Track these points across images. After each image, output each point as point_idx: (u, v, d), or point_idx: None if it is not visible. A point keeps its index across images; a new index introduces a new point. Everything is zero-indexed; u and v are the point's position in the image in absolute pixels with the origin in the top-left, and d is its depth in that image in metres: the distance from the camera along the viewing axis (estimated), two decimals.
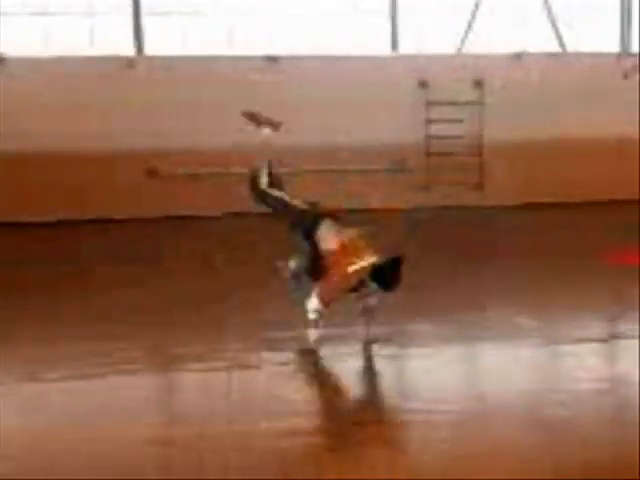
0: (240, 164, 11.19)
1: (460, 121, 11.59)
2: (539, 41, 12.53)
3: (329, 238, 5.32)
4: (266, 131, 5.80)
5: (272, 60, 11.57)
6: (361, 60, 11.79)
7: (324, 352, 5.31)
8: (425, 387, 4.74)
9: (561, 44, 12.70)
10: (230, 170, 11.29)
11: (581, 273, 7.52)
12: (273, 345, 5.36)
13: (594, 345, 5.47)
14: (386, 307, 6.36)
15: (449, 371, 5.04)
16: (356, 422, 4.15)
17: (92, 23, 11.75)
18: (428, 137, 11.81)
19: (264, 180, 5.56)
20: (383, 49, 12.27)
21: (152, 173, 11.34)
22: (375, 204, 11.39)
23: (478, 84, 11.86)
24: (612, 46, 12.79)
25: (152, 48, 11.68)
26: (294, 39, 12.02)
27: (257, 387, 4.74)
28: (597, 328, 5.97)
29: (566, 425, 4.06)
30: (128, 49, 11.60)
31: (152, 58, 11.55)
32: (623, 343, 5.57)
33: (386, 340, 5.53)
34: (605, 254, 8.01)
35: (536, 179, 11.91)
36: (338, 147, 11.44)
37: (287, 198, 5.60)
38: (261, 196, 5.63)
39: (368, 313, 5.45)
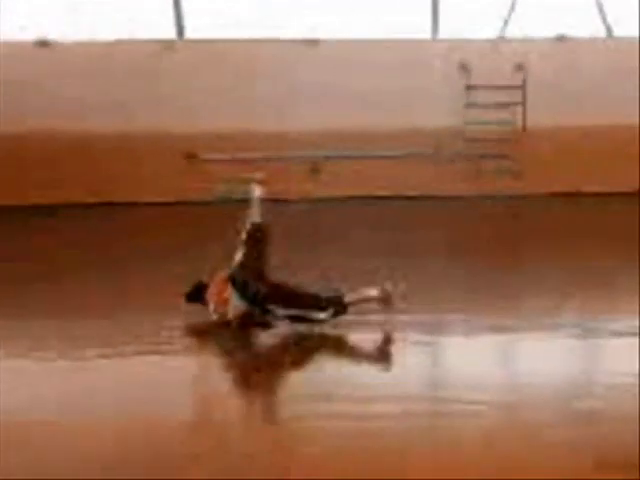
0: (280, 148, 11.38)
1: (501, 106, 11.45)
2: (584, 24, 12.27)
3: None
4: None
5: (312, 43, 11.55)
6: (402, 44, 11.71)
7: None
8: (459, 377, 4.74)
9: (606, 27, 12.42)
10: (271, 154, 11.36)
11: (621, 264, 7.40)
12: None
13: (630, 339, 5.40)
14: (421, 295, 6.40)
15: (483, 362, 5.03)
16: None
17: (134, 6, 11.81)
18: (467, 122, 11.69)
19: None
20: (424, 32, 12.14)
21: (191, 157, 11.42)
22: (411, 191, 11.36)
23: (520, 68, 11.69)
24: None
25: (193, 31, 11.73)
26: (335, 22, 11.94)
27: None
28: (633, 321, 5.87)
29: (600, 419, 4.03)
30: (169, 32, 11.68)
31: (192, 41, 11.61)
32: None
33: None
34: None
35: (579, 167, 11.70)
36: (377, 132, 11.41)
37: None
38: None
39: None
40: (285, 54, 11.45)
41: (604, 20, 12.41)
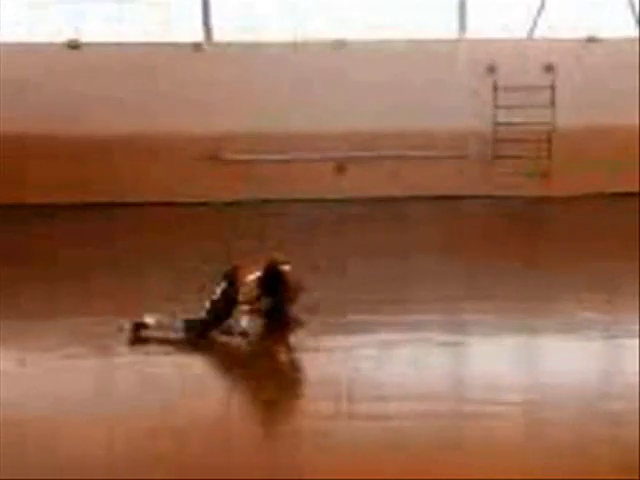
0: (305, 149, 11.38)
1: (529, 107, 11.31)
2: (614, 25, 12.08)
3: None
4: None
5: (339, 44, 11.52)
6: (429, 44, 11.63)
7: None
8: (482, 377, 4.71)
9: (638, 28, 12.23)
10: (295, 156, 11.37)
11: None
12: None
13: None
14: (442, 295, 6.36)
15: (505, 362, 5.00)
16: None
17: (164, 9, 11.88)
18: (495, 123, 11.58)
19: None
20: (451, 32, 12.04)
21: (215, 157, 11.46)
22: (437, 191, 11.29)
23: (549, 69, 11.56)
24: None
25: (221, 34, 11.75)
26: (362, 23, 11.89)
27: None
28: None
29: (625, 419, 3.98)
30: (198, 35, 11.73)
31: (218, 43, 11.66)
32: None
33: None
34: None
35: (608, 167, 11.50)
36: (403, 132, 11.34)
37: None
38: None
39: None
40: (311, 55, 11.43)
41: (636, 20, 12.22)
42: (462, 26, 12.07)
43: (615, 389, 4.48)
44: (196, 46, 11.48)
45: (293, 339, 5.42)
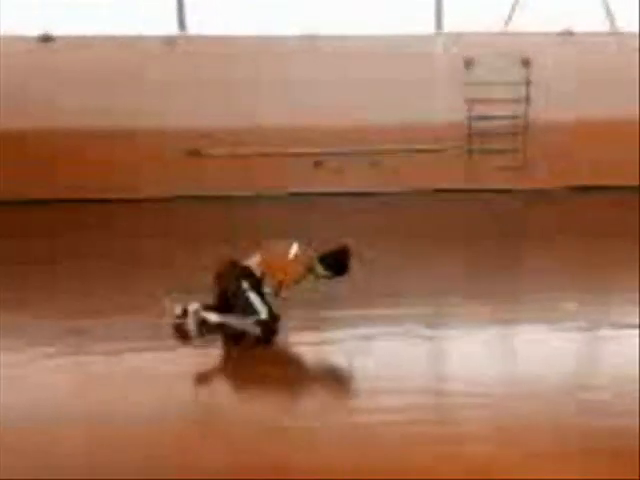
0: (281, 144, 11.34)
1: (505, 101, 11.38)
2: (589, 19, 12.18)
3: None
4: None
5: (315, 39, 11.47)
6: (405, 39, 11.63)
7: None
8: (462, 370, 4.71)
9: (611, 22, 12.34)
10: (270, 150, 11.33)
11: (624, 258, 7.36)
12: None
13: (634, 331, 5.35)
14: (423, 289, 6.36)
15: (488, 353, 5.01)
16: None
17: (136, 1, 11.74)
18: (471, 117, 11.61)
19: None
20: (427, 26, 12.06)
21: (194, 153, 11.38)
22: (414, 185, 11.32)
23: (525, 63, 11.61)
24: None
25: (195, 26, 11.65)
26: (338, 17, 11.86)
27: None
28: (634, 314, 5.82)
29: (604, 411, 4.00)
30: (171, 27, 11.62)
31: (193, 37, 11.55)
32: None
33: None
34: None
35: (582, 161, 11.63)
36: (380, 127, 11.35)
37: None
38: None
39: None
40: (288, 50, 11.38)
41: (608, 14, 12.32)
42: (439, 20, 12.10)
43: (598, 380, 4.50)
44: (170, 39, 11.36)
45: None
